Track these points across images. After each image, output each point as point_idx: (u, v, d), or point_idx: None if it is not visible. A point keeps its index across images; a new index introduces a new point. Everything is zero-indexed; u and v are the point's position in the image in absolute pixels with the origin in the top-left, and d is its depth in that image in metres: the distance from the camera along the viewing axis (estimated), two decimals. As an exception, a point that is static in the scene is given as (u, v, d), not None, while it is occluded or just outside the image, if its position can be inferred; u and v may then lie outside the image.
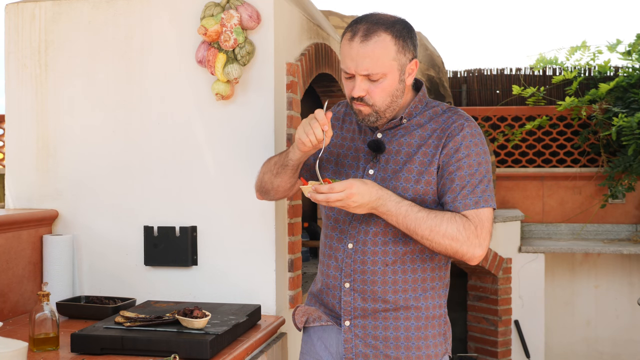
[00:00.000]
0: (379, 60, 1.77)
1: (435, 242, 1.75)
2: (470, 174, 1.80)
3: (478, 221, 1.77)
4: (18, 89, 2.65)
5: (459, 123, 1.84)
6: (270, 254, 2.45)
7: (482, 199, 1.79)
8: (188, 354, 1.85)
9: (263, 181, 2.05)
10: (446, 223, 1.74)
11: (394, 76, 1.81)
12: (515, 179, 5.70)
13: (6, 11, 2.68)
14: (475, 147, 1.82)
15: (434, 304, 1.89)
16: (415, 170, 1.83)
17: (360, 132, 1.96)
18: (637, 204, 5.59)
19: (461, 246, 1.75)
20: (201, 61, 2.42)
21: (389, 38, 1.78)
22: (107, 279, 2.57)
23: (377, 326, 1.87)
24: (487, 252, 4.76)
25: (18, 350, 1.70)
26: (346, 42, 1.81)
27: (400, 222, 1.76)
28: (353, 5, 5.54)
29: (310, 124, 1.80)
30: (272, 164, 2.01)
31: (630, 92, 5.44)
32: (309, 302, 2.06)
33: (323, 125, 1.79)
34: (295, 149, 1.89)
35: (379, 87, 1.80)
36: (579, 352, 5.55)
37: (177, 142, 2.51)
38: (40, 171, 2.63)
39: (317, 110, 1.81)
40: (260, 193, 2.10)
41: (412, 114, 1.90)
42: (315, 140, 1.80)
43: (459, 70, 6.48)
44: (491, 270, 4.86)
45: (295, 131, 1.86)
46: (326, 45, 3.12)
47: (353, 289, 1.88)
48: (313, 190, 1.74)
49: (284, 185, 2.01)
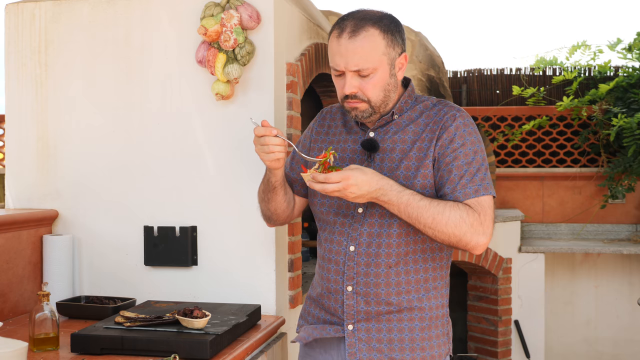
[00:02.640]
0: (369, 55, 1.76)
1: (438, 230, 1.73)
2: (467, 162, 1.79)
3: (480, 209, 1.75)
4: (18, 89, 2.65)
5: (451, 114, 1.84)
6: (270, 254, 2.45)
7: (481, 187, 1.78)
8: (188, 354, 1.85)
9: (262, 209, 2.05)
10: (449, 211, 1.72)
11: (385, 70, 1.80)
12: (515, 179, 5.69)
13: (6, 11, 2.68)
14: (470, 136, 1.82)
15: (437, 303, 1.89)
16: (412, 167, 1.82)
17: (349, 133, 1.94)
18: (637, 204, 5.59)
19: (464, 234, 1.72)
20: (201, 61, 2.42)
21: (377, 32, 1.78)
22: (107, 279, 2.57)
23: (381, 329, 1.85)
24: (487, 252, 4.78)
25: (18, 350, 1.70)
26: (334, 40, 1.80)
27: (402, 211, 1.74)
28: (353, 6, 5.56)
29: (261, 144, 1.81)
30: (261, 192, 2.01)
31: (630, 92, 5.44)
32: (308, 307, 2.02)
33: (271, 133, 1.79)
34: (271, 171, 1.90)
35: (371, 83, 1.79)
36: (579, 352, 5.55)
37: (177, 142, 2.52)
38: (40, 171, 2.63)
39: (255, 129, 1.81)
40: (266, 221, 2.09)
41: (403, 109, 1.89)
42: (281, 149, 1.81)
43: (459, 70, 6.47)
44: (491, 270, 4.86)
45: (259, 157, 1.85)
46: (326, 45, 3.12)
47: (356, 292, 1.85)
48: (311, 179, 1.73)
49: (280, 206, 2.00)
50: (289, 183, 2.04)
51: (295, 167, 2.04)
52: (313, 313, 1.99)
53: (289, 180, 2.05)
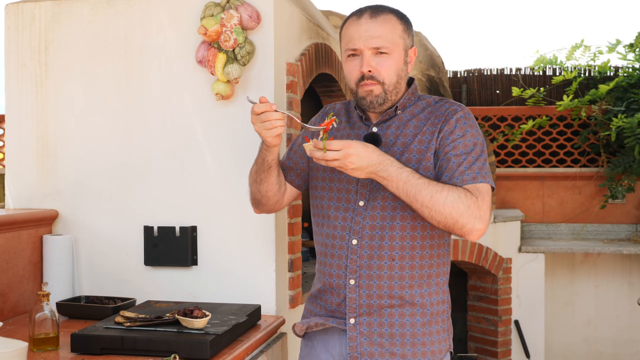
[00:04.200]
0: (389, 35, 1.84)
1: (435, 210, 1.72)
2: (466, 152, 1.81)
3: (478, 193, 1.76)
4: (18, 89, 2.65)
5: (452, 109, 1.88)
6: (270, 254, 2.45)
7: (479, 175, 1.79)
8: (188, 354, 1.85)
9: (252, 192, 2.05)
10: (447, 191, 1.73)
11: (400, 55, 1.87)
12: (515, 179, 5.69)
13: (6, 11, 2.68)
14: (470, 128, 1.85)
15: (438, 299, 1.90)
16: (413, 159, 1.84)
17: (353, 128, 1.96)
18: (637, 204, 5.59)
19: (462, 216, 1.72)
20: (201, 61, 2.42)
21: (395, 19, 1.87)
22: (107, 279, 2.57)
23: (382, 323, 1.86)
24: (487, 252, 4.78)
25: (18, 350, 1.70)
26: (353, 22, 1.87)
27: (401, 188, 1.74)
28: (353, 6, 5.58)
29: (262, 121, 1.80)
30: (253, 173, 2.00)
31: (630, 92, 5.44)
32: (309, 305, 2.03)
33: (271, 108, 1.79)
34: (268, 149, 1.89)
35: (386, 64, 1.84)
36: (579, 352, 5.55)
37: (177, 142, 2.52)
38: (40, 171, 2.63)
39: (254, 107, 1.80)
40: (255, 206, 2.10)
41: (406, 105, 1.93)
42: (282, 123, 1.80)
43: (459, 70, 6.48)
44: (491, 270, 4.86)
45: (260, 135, 1.85)
46: (326, 45, 3.12)
47: (358, 285, 1.86)
48: (313, 147, 1.73)
49: (272, 188, 2.00)
50: (283, 172, 2.06)
51: (292, 156, 2.06)
52: (314, 311, 2.00)
53: (284, 169, 2.07)
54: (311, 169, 2.02)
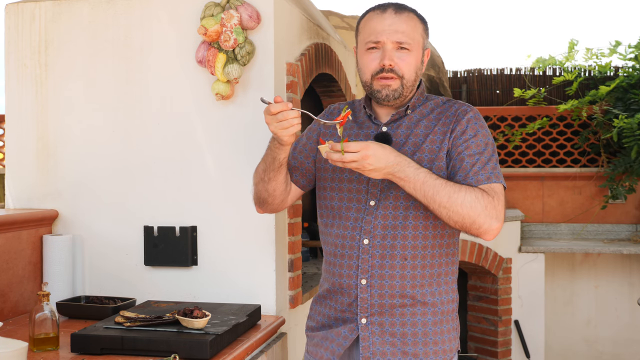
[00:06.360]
0: (412, 31, 1.86)
1: (452, 210, 1.73)
2: (478, 152, 1.82)
3: (494, 194, 1.78)
4: (18, 89, 2.65)
5: (463, 109, 1.90)
6: (270, 254, 2.45)
7: (493, 174, 1.81)
8: (188, 354, 1.85)
9: (258, 191, 2.02)
10: (464, 192, 1.74)
11: (419, 53, 1.89)
12: (515, 179, 5.69)
13: (6, 11, 2.68)
14: (481, 128, 1.87)
15: (448, 298, 1.90)
16: (425, 159, 1.84)
17: (361, 128, 1.96)
18: (637, 204, 5.59)
19: (479, 216, 1.73)
20: (201, 61, 2.42)
21: (417, 18, 1.91)
22: (107, 279, 2.57)
23: (394, 322, 1.86)
24: (487, 252, 4.78)
25: (18, 350, 1.70)
26: (376, 16, 1.88)
27: (418, 189, 1.74)
28: (353, 6, 5.49)
29: (279, 120, 1.76)
30: (261, 172, 1.98)
31: (630, 92, 5.44)
32: (316, 306, 2.01)
33: (287, 107, 1.75)
34: (281, 148, 1.87)
35: (407, 60, 1.86)
36: (579, 352, 5.55)
37: (177, 142, 2.52)
38: (40, 171, 2.63)
39: (269, 107, 1.76)
40: (259, 205, 2.07)
41: (416, 105, 1.94)
42: (299, 121, 1.78)
43: (459, 70, 6.47)
44: (491, 270, 4.86)
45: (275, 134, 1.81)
46: (326, 45, 3.12)
47: (370, 285, 1.86)
48: (329, 149, 1.71)
49: (280, 187, 1.99)
50: (289, 170, 2.04)
51: (297, 156, 2.04)
52: (323, 312, 1.97)
53: (289, 168, 2.05)
54: (318, 169, 2.01)
